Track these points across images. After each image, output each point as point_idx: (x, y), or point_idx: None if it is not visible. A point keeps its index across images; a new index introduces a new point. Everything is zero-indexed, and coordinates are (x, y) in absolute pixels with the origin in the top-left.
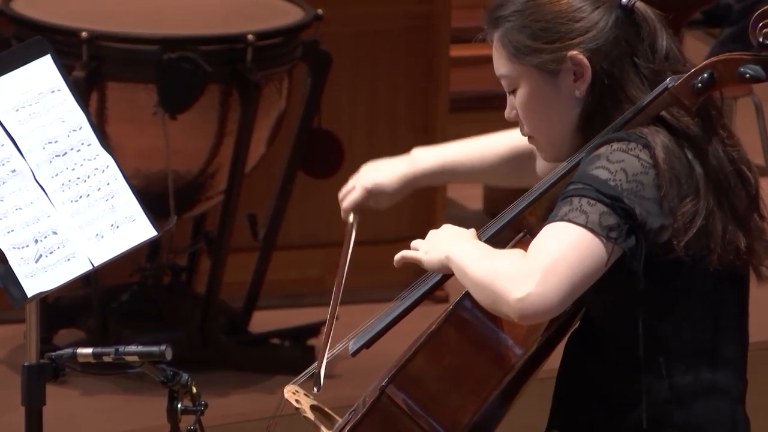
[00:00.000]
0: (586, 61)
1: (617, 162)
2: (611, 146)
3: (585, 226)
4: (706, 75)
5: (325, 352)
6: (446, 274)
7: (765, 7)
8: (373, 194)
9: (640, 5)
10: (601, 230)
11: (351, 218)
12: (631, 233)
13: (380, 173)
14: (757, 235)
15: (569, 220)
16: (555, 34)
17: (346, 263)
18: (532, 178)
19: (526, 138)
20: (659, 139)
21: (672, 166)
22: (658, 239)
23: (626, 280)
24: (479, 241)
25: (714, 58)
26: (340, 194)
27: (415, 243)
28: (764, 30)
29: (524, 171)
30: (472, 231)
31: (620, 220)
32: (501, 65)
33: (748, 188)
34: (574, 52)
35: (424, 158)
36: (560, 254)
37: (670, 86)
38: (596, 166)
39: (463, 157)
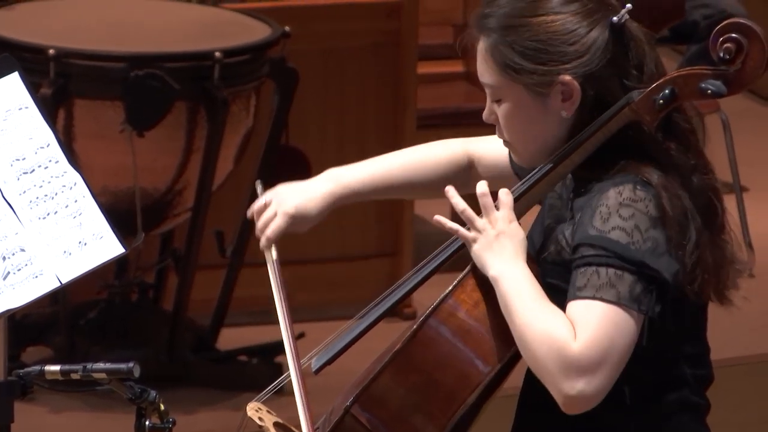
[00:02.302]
0: (577, 85)
1: (629, 219)
2: (620, 194)
3: (618, 303)
4: (667, 91)
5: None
6: (414, 288)
7: (724, 23)
8: (296, 219)
9: (630, 23)
10: (633, 303)
11: (274, 251)
12: (658, 299)
13: (301, 195)
14: (729, 261)
15: (602, 299)
16: (547, 56)
17: (283, 300)
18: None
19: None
20: (655, 179)
21: (674, 210)
22: (675, 287)
23: None
24: (528, 270)
25: (674, 73)
26: (258, 221)
27: (470, 216)
28: (724, 45)
29: (462, 179)
30: (524, 245)
31: (647, 285)
32: (487, 74)
33: (719, 214)
34: (566, 78)
35: (348, 175)
36: (607, 343)
37: (630, 102)
38: (612, 227)
39: (393, 171)
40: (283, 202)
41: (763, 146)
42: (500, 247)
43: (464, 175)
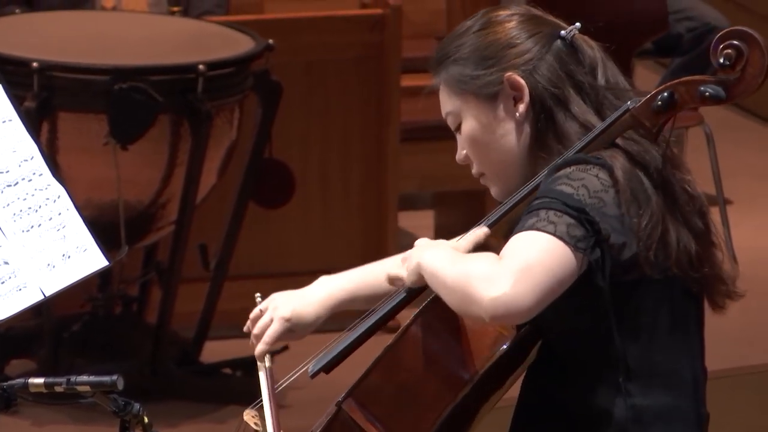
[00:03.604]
0: (521, 80)
1: (578, 179)
2: (570, 168)
3: (554, 234)
4: (666, 94)
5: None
6: (411, 293)
7: (726, 30)
8: (293, 324)
9: (579, 37)
10: (570, 239)
11: (268, 361)
12: (596, 246)
13: (298, 302)
14: (717, 267)
15: (538, 229)
16: (491, 60)
17: (274, 410)
18: None
19: (481, 180)
20: (617, 161)
21: (630, 186)
22: (620, 257)
23: (589, 297)
24: (451, 249)
25: (675, 81)
26: (254, 329)
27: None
28: (725, 51)
29: None
30: (446, 241)
31: (586, 232)
32: (446, 103)
33: (702, 216)
34: (509, 74)
35: (340, 278)
36: (534, 258)
37: (631, 107)
38: (559, 183)
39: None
40: (279, 308)
41: (747, 158)
42: (412, 252)
43: None
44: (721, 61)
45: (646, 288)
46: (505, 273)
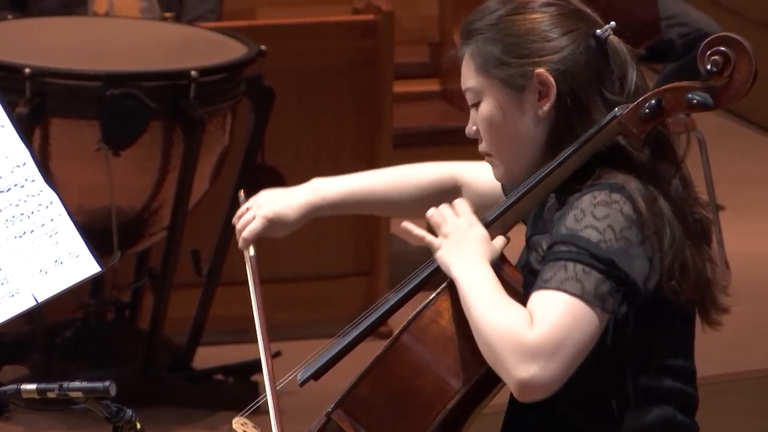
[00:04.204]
0: (551, 80)
1: (603, 219)
2: (594, 198)
3: (582, 298)
4: (653, 101)
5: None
6: (398, 305)
7: (713, 36)
8: (273, 224)
9: (613, 38)
10: (598, 301)
11: (251, 250)
12: (624, 300)
13: (281, 202)
14: (715, 282)
15: (566, 291)
16: (525, 50)
17: (258, 298)
18: None
19: (484, 157)
20: (634, 186)
21: (653, 219)
22: (646, 290)
23: (602, 336)
24: (490, 270)
25: (663, 87)
26: (238, 223)
27: (436, 218)
28: (712, 58)
29: (446, 202)
30: (488, 246)
31: (614, 286)
32: (468, 77)
33: (706, 235)
34: (541, 70)
35: (329, 187)
36: (564, 333)
37: (618, 114)
38: (585, 226)
39: (376, 187)
40: (262, 206)
41: (739, 165)
42: (461, 249)
43: (447, 198)
44: (709, 67)
45: (659, 308)
46: (537, 353)
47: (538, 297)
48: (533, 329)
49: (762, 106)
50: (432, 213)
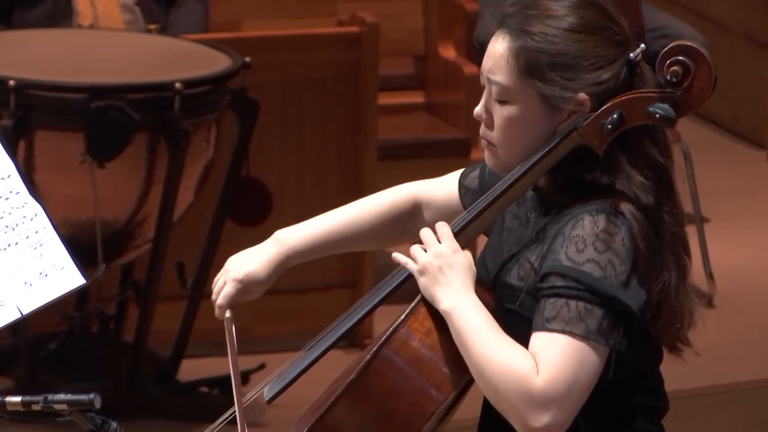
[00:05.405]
0: (588, 104)
1: (604, 252)
2: (596, 225)
3: (587, 339)
4: (615, 116)
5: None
6: (363, 318)
7: (670, 46)
8: (245, 285)
9: (642, 62)
10: (601, 338)
11: (228, 314)
12: (626, 334)
13: (249, 262)
14: (689, 312)
15: (570, 333)
16: (573, 74)
17: (235, 362)
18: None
19: (483, 141)
20: (629, 210)
21: (648, 251)
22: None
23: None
24: (479, 303)
25: (622, 97)
26: (213, 293)
27: (415, 250)
28: (671, 68)
29: (408, 226)
30: (471, 273)
31: (616, 320)
32: (503, 74)
33: (686, 264)
34: (583, 96)
35: (293, 236)
36: (572, 379)
37: (578, 126)
38: (587, 259)
39: (336, 226)
40: (231, 270)
41: (724, 177)
42: (447, 280)
43: (409, 221)
44: (668, 78)
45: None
46: (548, 402)
47: (541, 339)
48: (541, 377)
49: (747, 118)
50: (413, 248)
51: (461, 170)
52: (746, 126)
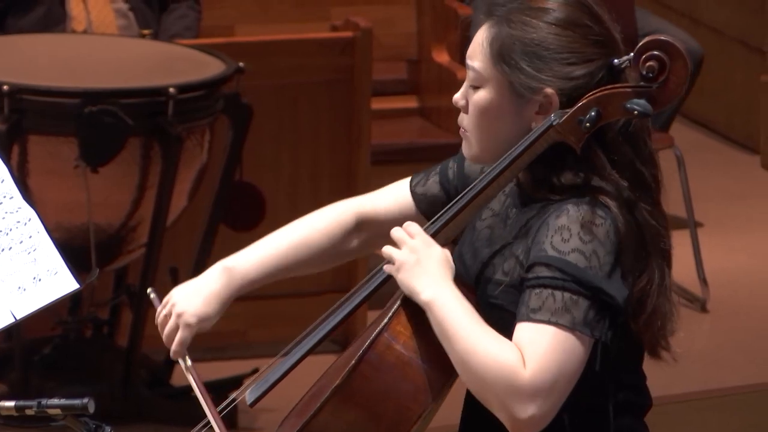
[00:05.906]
0: (557, 101)
1: (589, 243)
2: (580, 215)
3: (573, 330)
4: (593, 113)
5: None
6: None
7: (646, 40)
8: (198, 326)
9: (629, 71)
10: (587, 328)
11: (188, 362)
12: (611, 325)
13: (197, 301)
14: (669, 315)
15: (556, 324)
16: (544, 64)
17: (208, 401)
18: (372, 244)
19: (461, 129)
20: (612, 204)
21: (630, 239)
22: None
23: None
24: (460, 295)
25: (597, 92)
26: (163, 333)
27: (388, 250)
28: (647, 63)
29: (352, 245)
30: (449, 265)
31: (602, 311)
32: (478, 58)
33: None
34: (550, 90)
35: (240, 265)
36: (558, 369)
37: (554, 123)
38: (571, 249)
39: (282, 250)
40: (182, 314)
41: (717, 181)
42: (425, 270)
43: (353, 238)
44: (644, 73)
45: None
46: (534, 394)
47: (527, 330)
48: (528, 368)
49: (740, 122)
50: (386, 248)
51: (403, 181)
52: (740, 131)
